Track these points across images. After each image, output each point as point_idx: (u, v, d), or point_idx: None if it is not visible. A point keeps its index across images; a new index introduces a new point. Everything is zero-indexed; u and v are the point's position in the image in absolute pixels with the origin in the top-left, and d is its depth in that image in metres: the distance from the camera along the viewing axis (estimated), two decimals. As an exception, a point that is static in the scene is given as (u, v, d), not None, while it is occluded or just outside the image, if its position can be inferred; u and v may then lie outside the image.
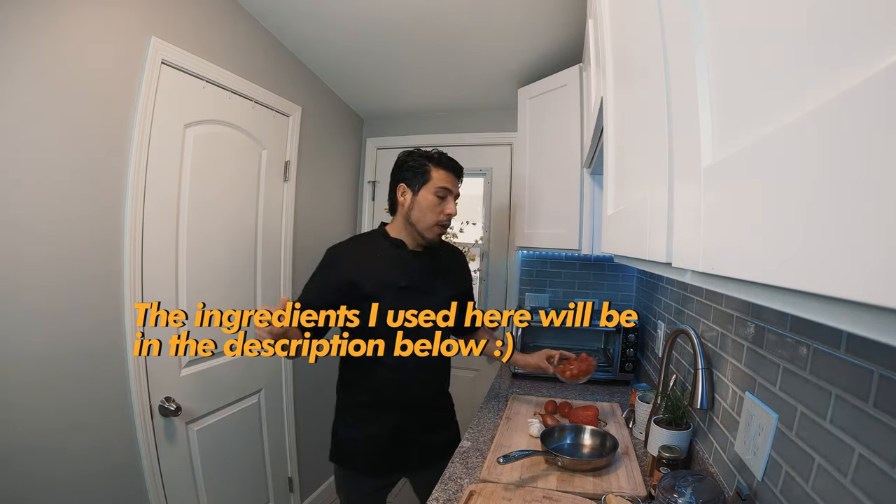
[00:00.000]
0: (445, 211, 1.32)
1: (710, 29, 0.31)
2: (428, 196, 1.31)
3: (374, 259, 1.34)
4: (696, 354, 1.07)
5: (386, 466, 1.38)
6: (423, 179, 1.32)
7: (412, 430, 1.38)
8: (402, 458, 1.39)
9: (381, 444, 1.36)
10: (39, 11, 1.12)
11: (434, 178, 1.31)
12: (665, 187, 0.40)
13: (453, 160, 1.37)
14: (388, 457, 1.37)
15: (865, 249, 0.14)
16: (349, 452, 1.39)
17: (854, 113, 0.15)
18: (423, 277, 1.37)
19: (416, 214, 1.33)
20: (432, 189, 1.31)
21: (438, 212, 1.32)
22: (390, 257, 1.35)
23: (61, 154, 1.19)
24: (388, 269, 1.33)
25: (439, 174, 1.32)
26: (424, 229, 1.33)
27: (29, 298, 1.14)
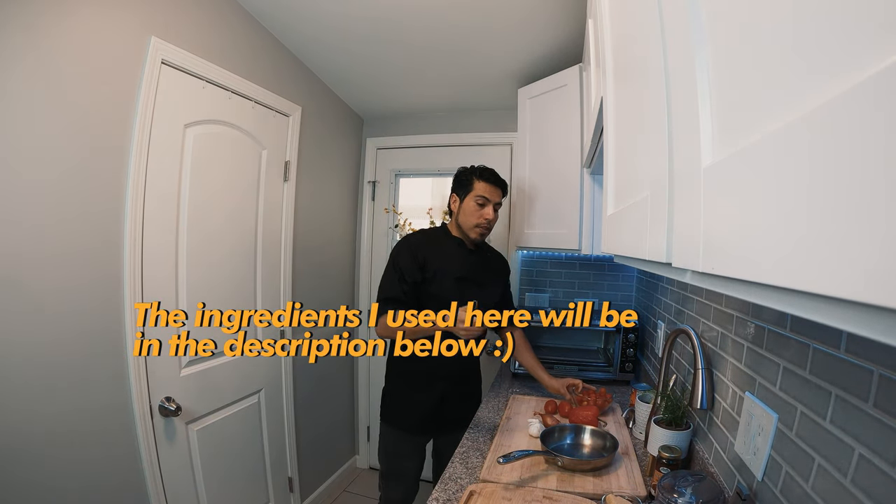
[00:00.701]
0: (484, 216, 1.58)
1: (710, 29, 0.31)
2: (470, 203, 1.58)
3: (441, 250, 1.62)
4: (696, 354, 1.07)
5: (427, 427, 1.64)
6: (468, 189, 1.59)
7: (453, 398, 1.64)
8: (440, 421, 1.64)
9: (428, 408, 1.61)
10: (40, 11, 1.12)
11: (476, 189, 1.58)
12: (665, 187, 0.40)
13: (494, 174, 1.61)
14: (432, 418, 1.62)
15: (865, 249, 0.14)
16: (399, 413, 1.64)
17: (853, 113, 0.15)
18: (478, 271, 1.64)
19: (462, 218, 1.61)
20: (473, 197, 1.58)
21: (478, 216, 1.58)
22: (453, 251, 1.63)
23: (61, 154, 1.19)
24: (449, 260, 1.60)
25: (480, 185, 1.58)
26: (468, 230, 1.60)
27: (29, 298, 1.14)
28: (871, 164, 0.14)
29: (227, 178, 1.76)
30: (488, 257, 1.72)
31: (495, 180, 1.60)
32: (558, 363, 1.99)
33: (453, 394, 1.63)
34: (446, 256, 1.60)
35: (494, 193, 1.59)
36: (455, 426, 1.64)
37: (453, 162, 2.61)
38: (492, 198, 1.59)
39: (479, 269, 1.64)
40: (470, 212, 1.58)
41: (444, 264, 1.58)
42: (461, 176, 1.63)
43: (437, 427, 1.66)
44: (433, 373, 1.60)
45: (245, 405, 1.87)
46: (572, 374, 1.96)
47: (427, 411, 1.61)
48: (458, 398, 1.66)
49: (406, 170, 2.71)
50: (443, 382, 1.61)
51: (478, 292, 1.59)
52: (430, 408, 1.61)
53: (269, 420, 2.01)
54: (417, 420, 1.62)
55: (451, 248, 1.63)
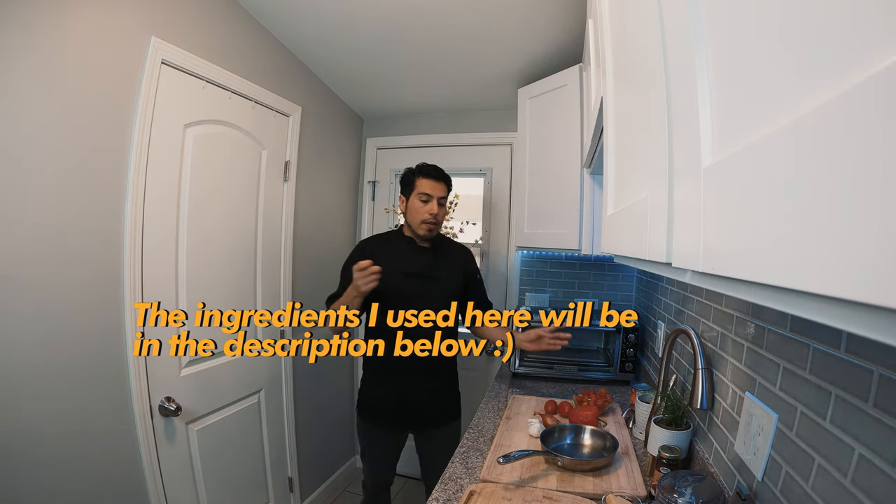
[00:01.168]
0: (429, 211, 1.62)
1: (710, 29, 0.31)
2: (415, 201, 1.64)
3: (389, 249, 1.68)
4: (696, 354, 1.07)
5: (393, 422, 1.68)
6: (412, 188, 1.64)
7: (415, 394, 1.65)
8: (406, 416, 1.67)
9: (390, 402, 1.65)
10: (40, 12, 1.12)
11: (418, 186, 1.63)
12: (665, 187, 0.40)
13: (436, 169, 1.66)
14: (395, 413, 1.66)
15: (864, 249, 0.14)
16: (367, 406, 1.71)
17: (853, 113, 0.15)
18: (425, 266, 1.67)
19: (409, 217, 1.67)
20: (417, 195, 1.63)
21: (423, 212, 1.62)
22: (402, 249, 1.69)
23: (61, 154, 1.19)
24: (398, 258, 1.65)
25: (422, 182, 1.63)
26: (415, 227, 1.65)
27: (29, 298, 1.14)
28: (870, 164, 0.14)
29: (227, 178, 1.76)
30: (445, 252, 1.75)
31: (436, 175, 1.65)
32: (558, 363, 1.99)
33: (416, 390, 1.64)
34: (395, 255, 1.66)
35: (437, 188, 1.64)
36: (428, 423, 1.68)
37: (453, 162, 2.62)
38: (434, 193, 1.63)
39: (431, 265, 1.67)
40: (415, 209, 1.63)
41: (391, 262, 1.61)
42: (404, 177, 1.69)
43: (405, 423, 1.68)
44: (390, 368, 1.64)
45: (245, 405, 1.87)
46: (572, 374, 1.96)
47: (388, 407, 1.66)
48: (424, 395, 1.66)
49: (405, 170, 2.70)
50: (401, 378, 1.64)
51: (428, 286, 1.64)
52: (390, 403, 1.65)
53: (269, 420, 2.01)
54: (379, 414, 1.68)
55: (401, 247, 1.69)
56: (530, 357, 2.03)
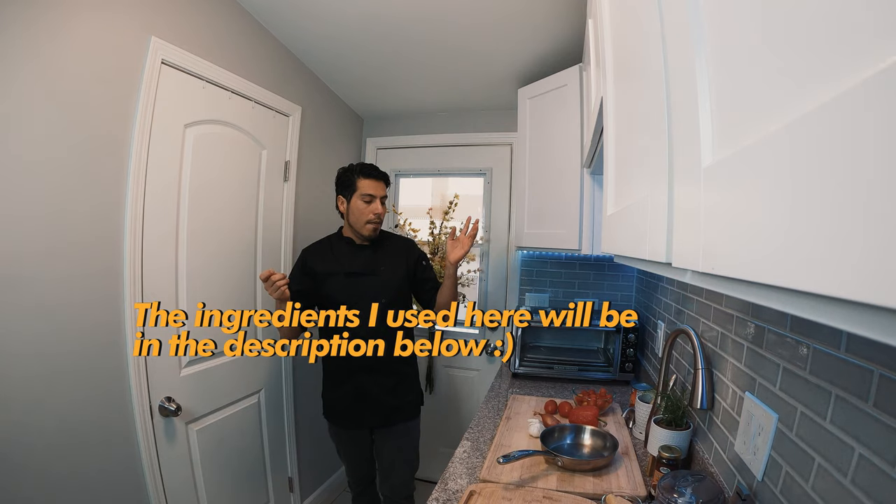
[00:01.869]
0: (373, 211, 1.63)
1: (710, 29, 0.31)
2: (357, 202, 1.63)
3: (329, 252, 1.70)
4: (696, 354, 1.07)
5: (352, 421, 1.70)
6: (352, 189, 1.64)
7: (371, 391, 1.65)
8: (363, 413, 1.67)
9: (346, 401, 1.67)
10: (41, 13, 1.12)
11: (360, 187, 1.63)
12: (665, 187, 0.40)
13: (375, 168, 1.67)
14: (353, 413, 1.67)
15: (865, 249, 0.14)
16: (328, 407, 1.74)
17: (853, 113, 0.15)
18: (366, 264, 1.67)
19: (352, 218, 1.66)
20: (359, 196, 1.63)
21: (368, 212, 1.63)
22: (342, 251, 1.70)
23: (61, 154, 1.19)
24: (339, 260, 1.68)
25: (363, 183, 1.63)
26: (360, 228, 1.65)
27: (29, 299, 1.14)
28: (870, 164, 0.14)
29: (227, 179, 1.76)
30: (384, 247, 1.74)
31: (377, 175, 1.66)
32: (558, 363, 1.99)
33: (373, 386, 1.65)
34: (334, 258, 1.67)
35: (378, 188, 1.65)
36: (386, 420, 1.68)
37: (453, 162, 2.63)
38: (377, 193, 1.64)
39: (371, 261, 1.68)
40: (359, 210, 1.63)
41: (332, 266, 1.65)
42: (343, 177, 1.67)
43: (364, 420, 1.68)
44: (345, 366, 1.65)
45: (245, 405, 1.87)
46: (572, 374, 1.96)
47: (346, 405, 1.67)
48: (381, 391, 1.66)
49: (406, 170, 2.71)
50: (357, 375, 1.65)
51: (373, 281, 1.65)
52: (348, 401, 1.66)
53: (269, 420, 2.01)
54: (340, 413, 1.70)
55: (340, 249, 1.70)
56: (530, 357, 2.03)
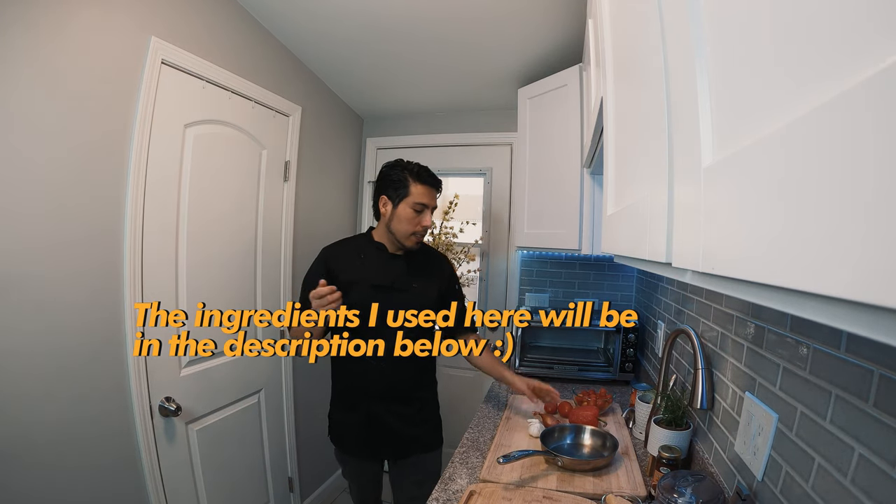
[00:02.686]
0: (422, 223, 1.43)
1: (710, 29, 0.31)
2: (406, 210, 1.41)
3: (356, 258, 1.48)
4: (696, 354, 1.07)
5: (363, 450, 1.51)
6: (404, 193, 1.41)
7: (386, 419, 1.47)
8: (376, 444, 1.49)
9: (356, 429, 1.49)
10: (41, 13, 1.12)
11: (413, 194, 1.41)
12: (665, 187, 0.40)
13: (432, 175, 1.45)
14: (364, 441, 1.49)
15: (865, 249, 0.14)
16: (336, 432, 1.56)
17: (853, 113, 0.15)
18: (398, 277, 1.47)
19: (395, 225, 1.44)
20: (410, 203, 1.41)
21: (415, 224, 1.42)
22: (371, 258, 1.48)
23: (61, 154, 1.19)
24: (366, 268, 1.46)
25: (417, 189, 1.41)
26: (402, 238, 1.44)
27: (29, 299, 1.14)
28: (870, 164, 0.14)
29: (227, 179, 1.76)
30: (419, 260, 1.53)
31: (433, 182, 1.44)
32: (558, 363, 1.99)
33: (386, 416, 1.46)
34: (363, 264, 1.46)
35: (433, 197, 1.44)
36: (403, 452, 1.50)
37: (453, 162, 2.62)
38: (430, 203, 1.43)
39: (403, 274, 1.47)
40: (406, 219, 1.41)
41: (358, 274, 1.44)
42: (391, 175, 1.43)
43: (377, 451, 1.51)
44: (358, 391, 1.48)
45: (245, 405, 1.87)
46: (572, 374, 1.96)
47: (359, 434, 1.48)
48: (398, 422, 1.47)
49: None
50: (370, 402, 1.46)
51: (403, 298, 1.45)
52: (359, 430, 1.48)
53: (269, 420, 2.01)
54: (352, 443, 1.51)
55: (371, 256, 1.48)
56: (530, 357, 2.03)
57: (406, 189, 1.41)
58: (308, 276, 1.49)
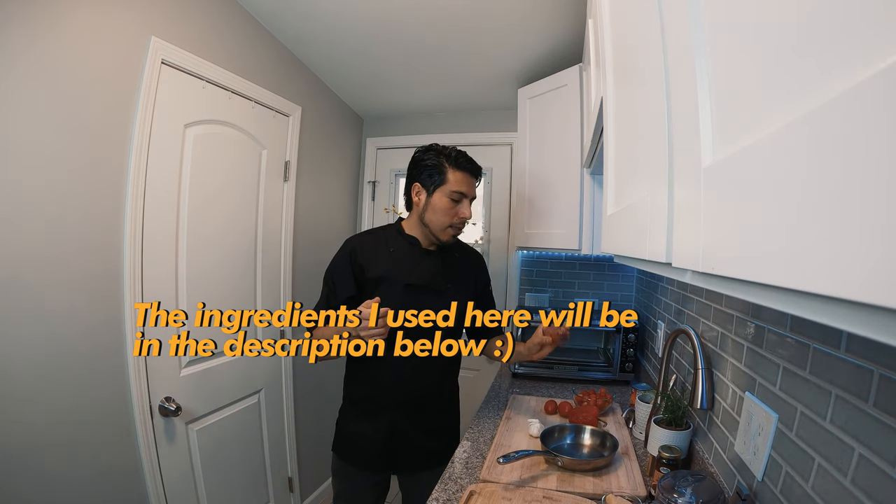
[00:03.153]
0: (460, 214, 1.29)
1: (710, 29, 0.31)
2: (443, 199, 1.27)
3: (385, 251, 1.34)
4: (696, 354, 1.07)
5: (379, 463, 1.37)
6: (440, 181, 1.28)
7: (408, 430, 1.35)
8: (394, 456, 1.36)
9: (377, 441, 1.35)
10: (40, 11, 1.12)
11: (450, 181, 1.27)
12: (665, 187, 0.40)
13: (472, 161, 1.32)
14: (382, 454, 1.35)
15: (865, 249, 0.14)
16: (347, 443, 1.40)
17: (853, 113, 0.15)
18: (433, 277, 1.33)
19: (429, 216, 1.30)
20: (447, 192, 1.27)
21: (452, 215, 1.28)
22: (402, 253, 1.33)
23: (61, 154, 1.19)
24: (398, 265, 1.32)
25: (455, 176, 1.27)
26: (437, 231, 1.31)
27: (29, 298, 1.14)
28: (871, 164, 0.14)
29: (227, 178, 1.76)
30: (455, 258, 1.40)
31: (473, 169, 1.30)
32: (558, 363, 1.99)
33: (409, 427, 1.35)
34: (394, 260, 1.32)
35: (472, 186, 1.30)
36: (419, 464, 1.38)
37: (453, 162, 2.62)
38: (469, 192, 1.29)
39: (438, 273, 1.34)
40: (443, 210, 1.27)
41: (389, 270, 1.30)
42: (425, 161, 1.29)
43: (394, 464, 1.38)
44: (381, 401, 1.34)
45: (245, 405, 1.87)
46: (572, 374, 1.96)
47: (377, 445, 1.35)
48: (419, 433, 1.36)
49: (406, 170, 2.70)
50: (392, 413, 1.34)
51: (437, 300, 1.32)
52: (379, 441, 1.34)
53: (269, 420, 2.01)
54: (368, 456, 1.36)
55: (402, 250, 1.33)
56: (530, 357, 2.03)
57: (443, 176, 1.27)
58: (333, 270, 1.35)
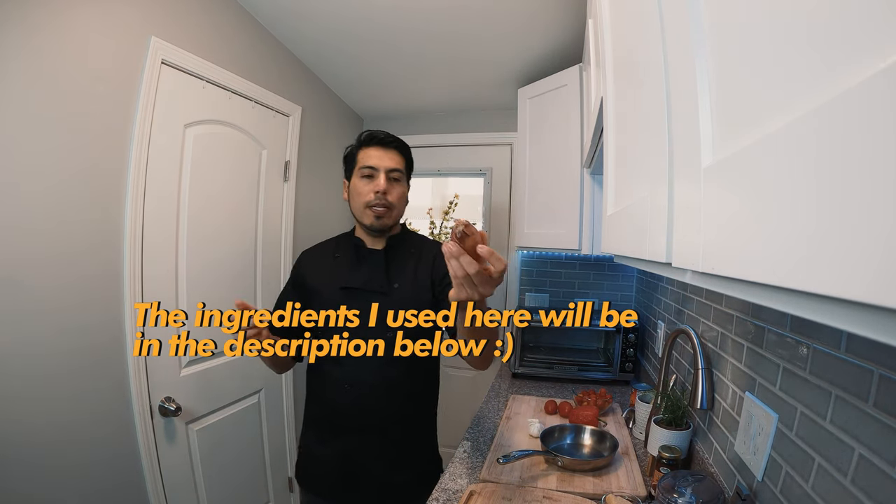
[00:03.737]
0: (375, 189, 1.16)
1: (710, 28, 0.31)
2: (357, 181, 1.20)
3: (330, 260, 1.27)
4: (696, 354, 1.07)
5: (342, 493, 1.20)
6: (353, 165, 1.22)
7: (367, 460, 1.19)
8: (356, 490, 1.20)
9: (332, 469, 1.21)
10: (38, 12, 1.12)
11: (360, 159, 1.20)
12: (665, 187, 0.40)
13: (380, 135, 1.22)
14: (342, 484, 1.20)
15: (865, 249, 0.14)
16: (307, 471, 1.26)
17: (853, 112, 0.15)
18: (373, 277, 1.20)
19: (352, 205, 1.22)
20: (359, 172, 1.20)
21: (366, 192, 1.17)
22: (346, 258, 1.25)
23: (61, 154, 1.19)
24: (338, 270, 1.24)
25: (364, 154, 1.20)
26: (360, 217, 1.21)
27: (29, 298, 1.14)
28: (871, 164, 0.14)
29: (227, 178, 1.76)
30: (408, 254, 1.25)
31: (384, 142, 1.20)
32: (558, 363, 1.99)
33: (367, 452, 1.18)
34: (336, 266, 1.24)
35: (385, 158, 1.18)
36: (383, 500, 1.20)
37: (453, 162, 2.62)
38: (381, 164, 1.17)
39: (381, 274, 1.20)
40: (357, 191, 1.19)
41: (327, 276, 1.23)
42: (345, 153, 1.26)
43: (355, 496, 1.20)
44: (335, 420, 1.21)
45: (245, 405, 1.87)
46: (572, 374, 1.96)
47: (332, 472, 1.20)
48: (379, 460, 1.18)
49: (406, 170, 2.70)
50: (348, 435, 1.19)
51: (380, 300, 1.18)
52: (334, 467, 1.20)
53: (269, 420, 2.01)
54: (321, 480, 1.22)
55: (346, 255, 1.25)
56: (530, 357, 2.03)
57: (354, 158, 1.22)
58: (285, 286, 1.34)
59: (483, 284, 0.66)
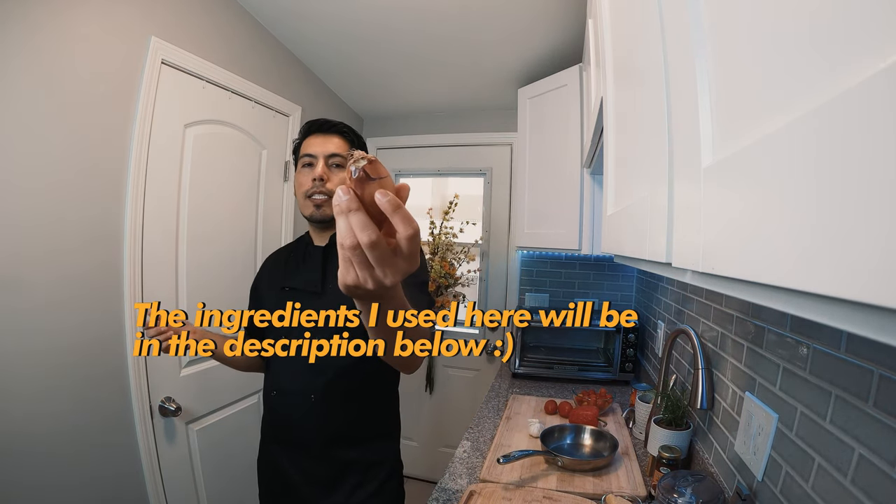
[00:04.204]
0: (312, 176, 1.06)
1: (710, 28, 0.31)
2: (299, 173, 1.11)
3: (280, 260, 1.21)
4: (696, 354, 1.07)
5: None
6: (296, 159, 1.14)
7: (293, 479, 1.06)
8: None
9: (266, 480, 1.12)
10: (39, 12, 1.12)
11: (301, 150, 1.11)
12: (665, 187, 0.40)
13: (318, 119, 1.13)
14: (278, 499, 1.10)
15: (865, 249, 0.14)
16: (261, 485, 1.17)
17: (854, 112, 0.15)
18: (311, 275, 1.12)
19: (298, 197, 1.12)
20: (300, 162, 1.11)
21: (307, 182, 1.07)
22: (294, 258, 1.18)
23: (61, 154, 1.19)
24: (282, 270, 1.17)
25: (306, 143, 1.11)
26: (302, 208, 1.11)
27: (29, 299, 1.14)
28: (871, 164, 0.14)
29: (227, 178, 1.76)
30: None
31: (320, 127, 1.11)
32: (558, 363, 1.99)
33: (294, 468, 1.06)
34: (283, 267, 1.18)
35: (326, 143, 1.08)
36: None
37: (453, 162, 2.62)
38: (318, 150, 1.07)
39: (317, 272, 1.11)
40: (297, 182, 1.10)
41: (270, 278, 1.18)
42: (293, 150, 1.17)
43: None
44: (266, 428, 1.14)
45: (245, 405, 1.87)
46: (572, 374, 1.96)
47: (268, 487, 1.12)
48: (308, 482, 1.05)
49: (406, 170, 2.71)
50: (275, 446, 1.10)
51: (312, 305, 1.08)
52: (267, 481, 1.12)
53: (269, 420, 2.01)
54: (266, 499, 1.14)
55: (297, 255, 1.18)
56: (530, 357, 2.03)
57: (298, 152, 1.13)
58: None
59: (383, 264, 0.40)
